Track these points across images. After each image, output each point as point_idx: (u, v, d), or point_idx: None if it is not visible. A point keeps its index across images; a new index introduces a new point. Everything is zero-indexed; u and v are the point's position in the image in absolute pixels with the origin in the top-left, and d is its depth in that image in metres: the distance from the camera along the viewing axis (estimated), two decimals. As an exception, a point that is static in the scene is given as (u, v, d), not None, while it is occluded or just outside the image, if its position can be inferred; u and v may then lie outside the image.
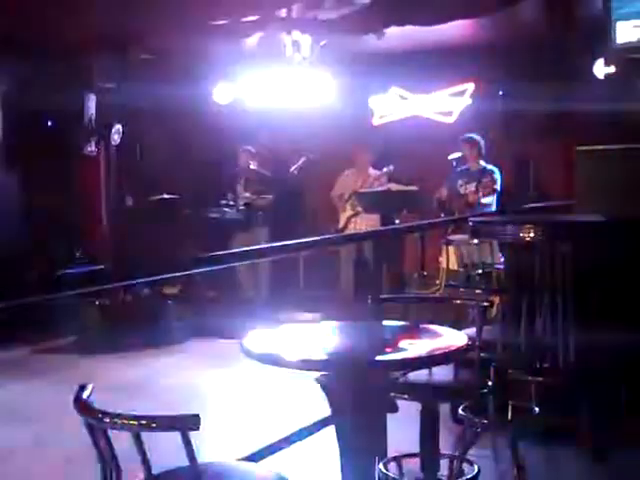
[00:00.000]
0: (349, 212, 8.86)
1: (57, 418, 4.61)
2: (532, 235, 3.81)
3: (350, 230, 8.76)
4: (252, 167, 9.05)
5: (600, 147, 5.88)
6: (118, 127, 8.60)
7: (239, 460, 3.89)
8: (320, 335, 3.11)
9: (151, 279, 6.06)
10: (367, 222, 8.65)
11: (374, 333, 3.17)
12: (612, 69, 7.35)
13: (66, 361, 7.26)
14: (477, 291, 6.00)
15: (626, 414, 4.04)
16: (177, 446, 2.07)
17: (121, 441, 2.18)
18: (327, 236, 7.32)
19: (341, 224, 8.91)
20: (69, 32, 7.42)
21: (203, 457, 2.22)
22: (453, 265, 7.35)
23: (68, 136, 8.74)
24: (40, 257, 8.10)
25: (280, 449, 4.63)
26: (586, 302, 3.69)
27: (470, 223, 4.90)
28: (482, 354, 3.45)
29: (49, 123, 8.84)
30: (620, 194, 5.20)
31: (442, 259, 7.67)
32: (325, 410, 2.83)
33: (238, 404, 5.93)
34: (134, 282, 5.77)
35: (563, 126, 8.04)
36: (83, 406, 2.17)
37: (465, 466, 3.67)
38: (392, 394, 3.22)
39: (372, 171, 8.87)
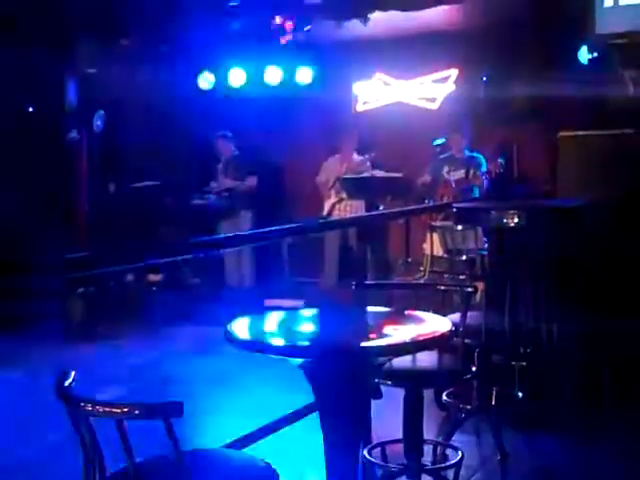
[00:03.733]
0: (334, 199, 8.85)
1: (40, 406, 4.59)
2: (516, 221, 3.82)
3: (335, 217, 8.75)
4: (231, 152, 9.00)
5: (583, 132, 5.90)
6: (101, 113, 8.53)
7: (223, 447, 3.90)
8: (304, 321, 3.11)
9: (134, 266, 6.04)
10: (352, 208, 8.66)
11: (358, 319, 3.16)
12: (595, 55, 7.36)
13: (50, 348, 7.22)
14: (461, 277, 6.03)
15: (608, 399, 4.06)
16: (161, 433, 2.06)
17: (104, 429, 2.16)
18: (312, 222, 7.31)
19: (326, 211, 8.89)
20: (52, 17, 7.36)
21: (187, 444, 2.21)
22: (437, 251, 7.36)
23: (50, 122, 8.66)
24: (19, 244, 8.03)
25: (265, 436, 4.63)
26: (569, 287, 3.70)
27: (454, 209, 4.91)
28: (466, 340, 3.46)
29: (30, 109, 8.75)
30: (603, 179, 5.23)
31: (426, 245, 7.67)
32: (309, 396, 2.83)
33: (222, 391, 5.92)
34: (117, 269, 5.75)
35: (546, 112, 8.04)
36: (65, 393, 2.15)
37: (449, 452, 3.69)
38: (376, 380, 3.22)
39: (356, 157, 8.86)
